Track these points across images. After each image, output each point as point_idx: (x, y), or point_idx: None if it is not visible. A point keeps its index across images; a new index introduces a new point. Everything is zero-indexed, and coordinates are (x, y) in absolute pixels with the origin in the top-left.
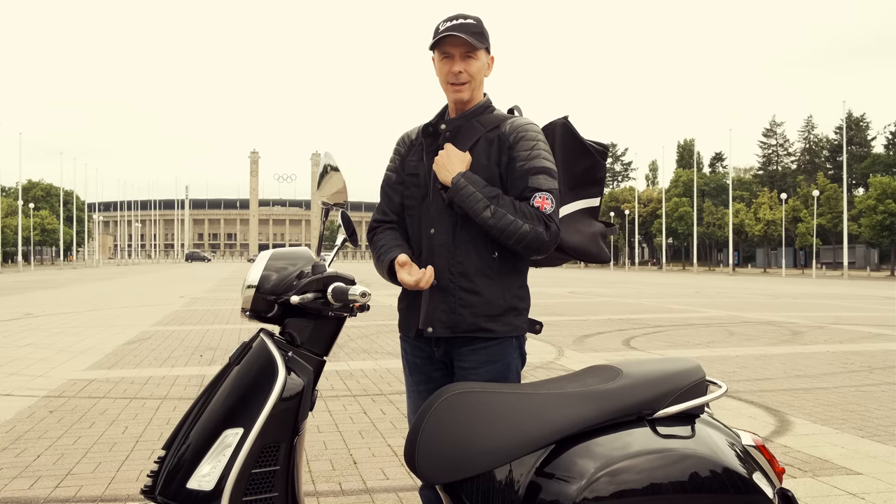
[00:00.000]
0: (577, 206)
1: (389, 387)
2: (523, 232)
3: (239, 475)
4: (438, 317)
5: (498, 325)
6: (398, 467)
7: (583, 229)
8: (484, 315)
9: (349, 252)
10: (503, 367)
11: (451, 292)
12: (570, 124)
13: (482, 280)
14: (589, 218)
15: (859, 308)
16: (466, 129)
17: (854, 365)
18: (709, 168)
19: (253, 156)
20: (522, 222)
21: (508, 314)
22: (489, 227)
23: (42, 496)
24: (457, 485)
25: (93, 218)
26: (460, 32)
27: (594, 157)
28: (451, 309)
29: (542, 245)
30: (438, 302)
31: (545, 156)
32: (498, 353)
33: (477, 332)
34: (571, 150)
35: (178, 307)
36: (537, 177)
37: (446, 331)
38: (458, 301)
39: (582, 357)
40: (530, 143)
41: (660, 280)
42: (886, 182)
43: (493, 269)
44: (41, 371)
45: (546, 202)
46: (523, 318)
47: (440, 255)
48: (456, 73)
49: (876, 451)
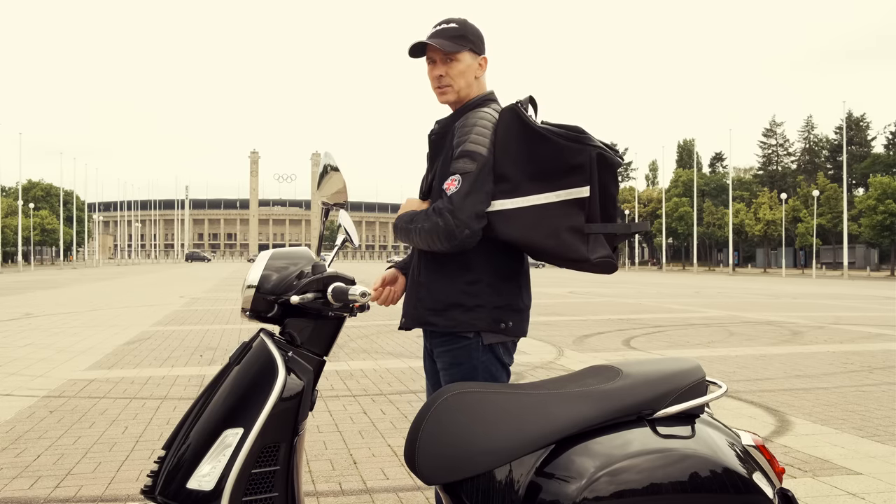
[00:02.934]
0: (551, 197)
1: (389, 387)
2: (423, 231)
3: (239, 475)
4: (408, 309)
5: (441, 320)
6: (398, 467)
7: (543, 224)
8: (428, 308)
9: (349, 252)
10: (467, 370)
11: (414, 286)
12: (519, 108)
13: (429, 275)
14: (571, 210)
15: (859, 308)
16: (450, 131)
17: (854, 365)
18: (709, 168)
19: (253, 156)
20: (421, 225)
21: (453, 310)
22: (414, 245)
23: (42, 496)
24: (457, 485)
25: (93, 218)
26: (436, 38)
27: (555, 142)
28: (412, 303)
29: (441, 233)
30: (409, 296)
31: (473, 139)
32: (462, 356)
33: (423, 325)
34: (524, 136)
35: (178, 307)
36: (458, 161)
37: (409, 322)
38: (416, 295)
39: (582, 357)
40: (465, 129)
41: (660, 280)
42: (886, 182)
43: (439, 264)
44: (41, 371)
45: (452, 184)
46: (475, 315)
47: (415, 255)
48: (437, 76)
49: (876, 451)
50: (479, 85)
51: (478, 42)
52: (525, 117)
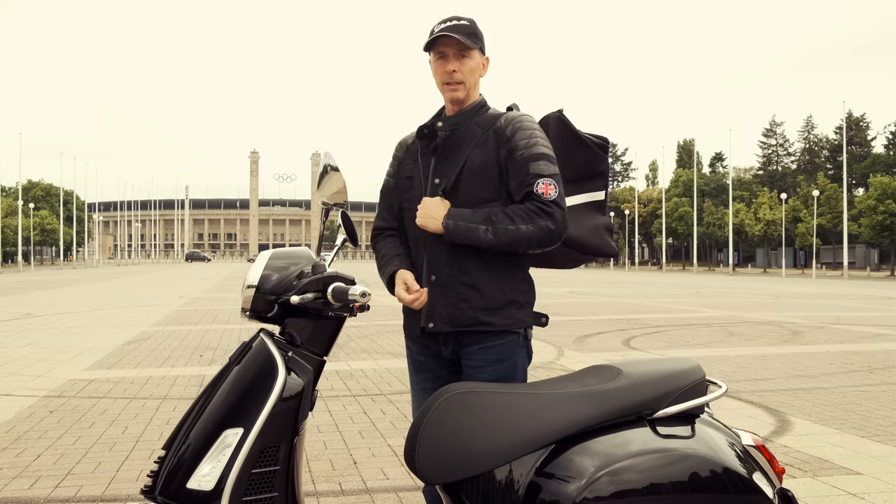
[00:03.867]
0: (580, 199)
1: (389, 387)
2: (529, 235)
3: (239, 475)
4: (439, 312)
5: (497, 319)
6: (398, 467)
7: (584, 222)
8: (483, 308)
9: (349, 252)
10: (510, 365)
11: (452, 287)
12: (565, 117)
13: (480, 274)
14: (593, 211)
15: (859, 308)
16: (465, 131)
17: (854, 365)
18: (709, 168)
19: (253, 156)
20: (524, 226)
21: (508, 307)
22: (497, 248)
23: (42, 496)
24: (457, 485)
25: (93, 218)
26: (454, 33)
27: (592, 150)
28: (452, 304)
29: (551, 236)
30: (439, 297)
31: (543, 143)
32: (506, 352)
33: (476, 325)
34: (567, 142)
35: (178, 307)
36: (538, 163)
37: (447, 325)
38: (457, 296)
39: (582, 357)
40: (527, 133)
41: (660, 280)
42: (886, 182)
43: (490, 263)
44: (41, 371)
45: (549, 187)
46: (526, 312)
47: (440, 252)
48: (450, 72)
49: (876, 451)
50: (478, 85)
51: (483, 42)
52: (572, 125)
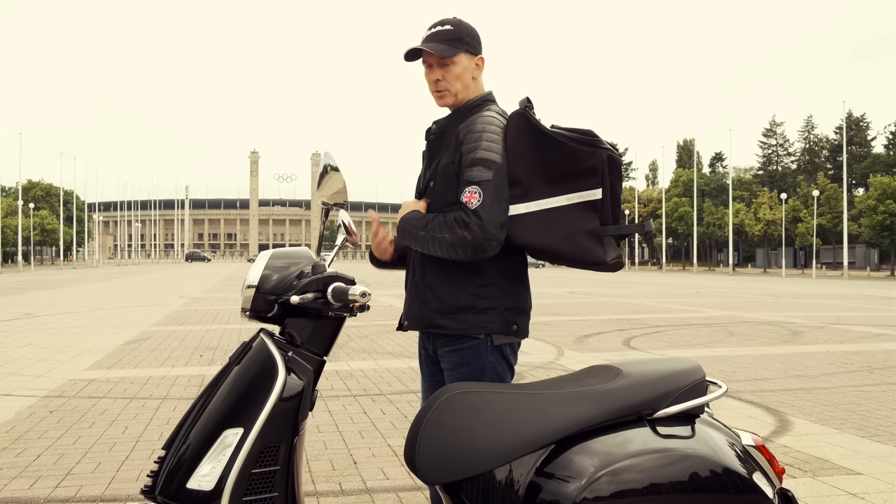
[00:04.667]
0: (562, 200)
1: (389, 387)
2: (448, 244)
3: (239, 475)
4: (411, 312)
5: (452, 323)
6: (398, 467)
7: (557, 228)
8: (437, 311)
9: (349, 252)
10: (476, 369)
11: (419, 289)
12: (528, 113)
13: (435, 277)
14: (584, 212)
15: (859, 308)
16: (448, 133)
17: (854, 365)
18: (709, 168)
19: (253, 156)
20: (447, 235)
21: (464, 312)
22: (431, 253)
23: (42, 496)
24: (457, 485)
25: (93, 218)
26: (430, 42)
27: (566, 146)
28: (417, 306)
29: (468, 246)
30: (413, 298)
31: (485, 146)
32: (470, 356)
33: (432, 327)
34: (530, 141)
35: (178, 307)
36: (471, 169)
37: (414, 325)
38: (421, 298)
39: (582, 357)
40: (474, 136)
41: (660, 280)
42: (886, 182)
43: (445, 268)
44: (41, 371)
45: (473, 196)
46: (488, 318)
47: (417, 255)
48: (434, 81)
49: (876, 451)
50: (476, 85)
51: (473, 42)
52: (535, 121)
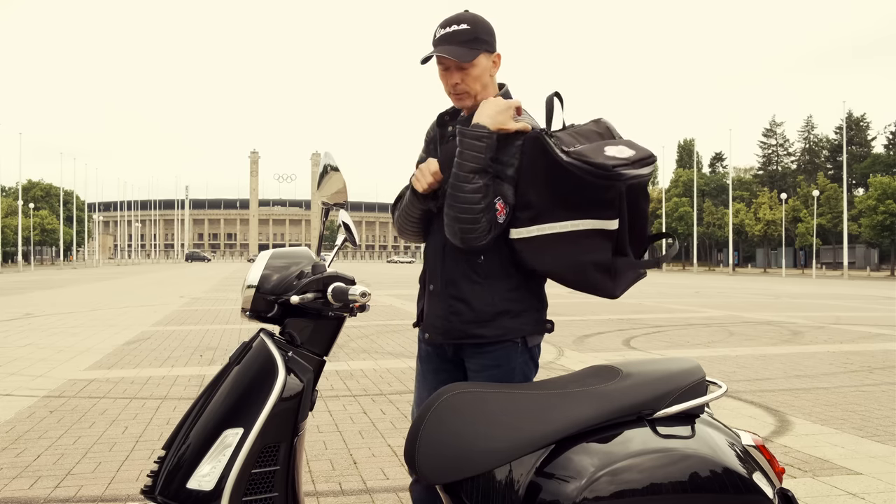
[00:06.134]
0: (577, 225)
1: (389, 387)
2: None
3: (239, 475)
4: (433, 322)
5: (489, 330)
6: (398, 467)
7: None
8: (472, 321)
9: (349, 252)
10: (506, 371)
11: (443, 299)
12: (544, 138)
13: (468, 286)
14: (598, 241)
15: (859, 308)
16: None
17: (854, 365)
18: (709, 168)
19: (253, 156)
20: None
21: (500, 318)
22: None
23: (42, 496)
24: (457, 485)
25: (93, 218)
26: (448, 45)
27: (577, 177)
28: (444, 316)
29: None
30: (434, 308)
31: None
32: (501, 358)
33: (467, 338)
34: (541, 165)
35: (178, 307)
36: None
37: (440, 337)
38: (448, 308)
39: (582, 357)
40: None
41: (660, 280)
42: (886, 182)
43: (478, 274)
44: (41, 371)
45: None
46: (523, 320)
47: (433, 261)
48: (453, 84)
49: (876, 451)
50: (492, 83)
51: (490, 40)
52: (551, 150)
